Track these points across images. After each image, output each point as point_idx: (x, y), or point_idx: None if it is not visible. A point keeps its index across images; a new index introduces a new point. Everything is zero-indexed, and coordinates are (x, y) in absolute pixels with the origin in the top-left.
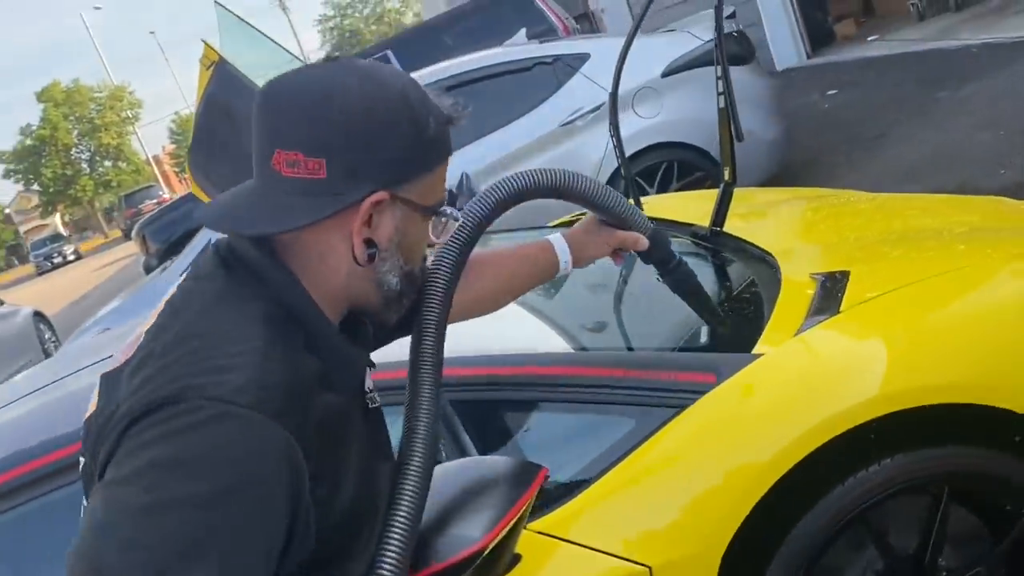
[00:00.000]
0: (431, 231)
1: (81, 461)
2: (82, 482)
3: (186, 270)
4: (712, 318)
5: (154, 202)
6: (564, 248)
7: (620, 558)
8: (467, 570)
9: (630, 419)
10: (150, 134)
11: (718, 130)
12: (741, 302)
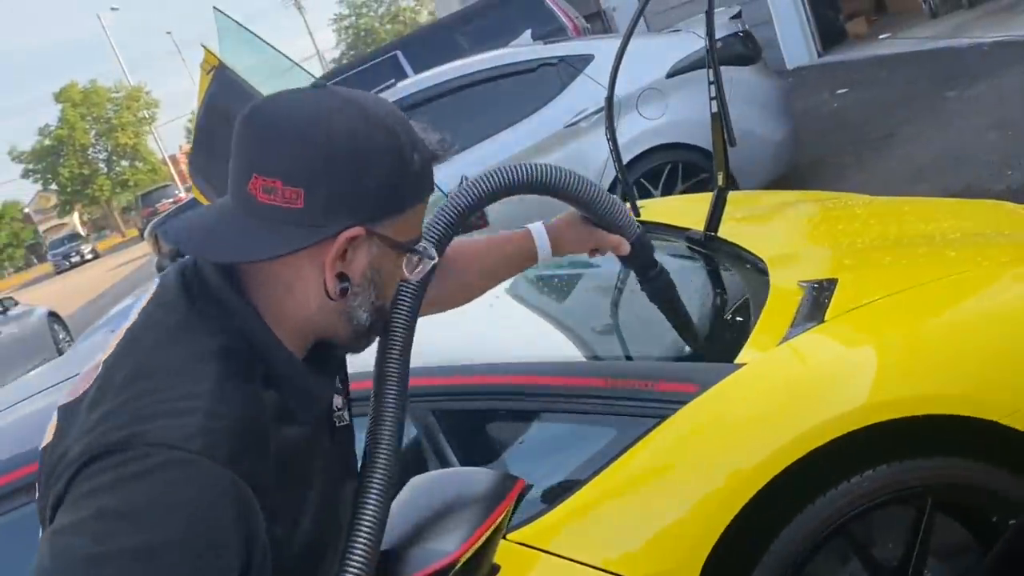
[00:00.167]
0: (404, 267)
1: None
2: (38, 510)
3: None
4: (686, 331)
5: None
6: (543, 237)
7: (600, 569)
8: None
9: (611, 429)
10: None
11: (711, 135)
12: (728, 309)
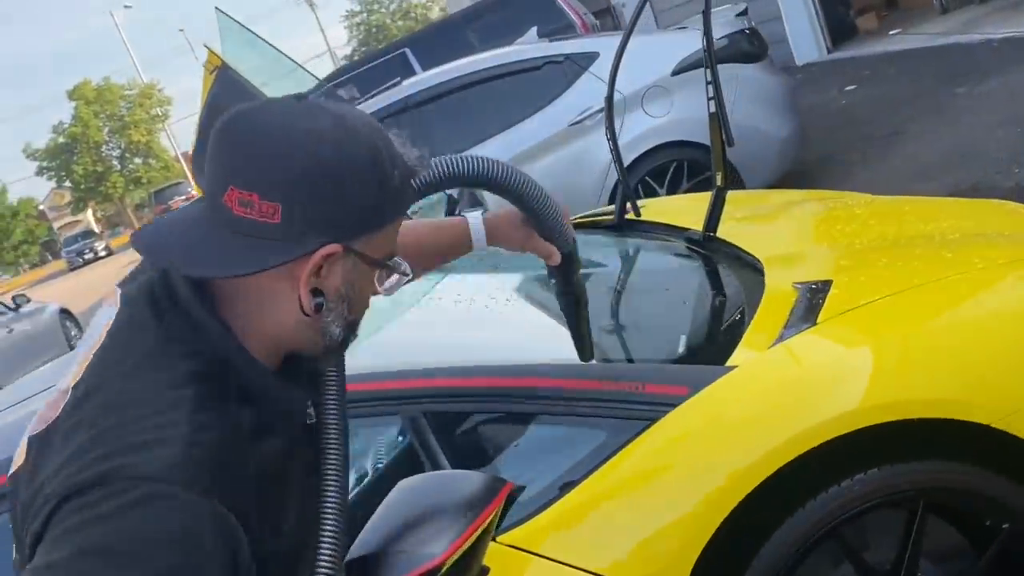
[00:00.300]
0: (377, 281)
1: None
2: (13, 536)
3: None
4: (582, 345)
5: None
6: (480, 228)
7: (589, 572)
8: None
9: (601, 431)
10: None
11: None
12: (723, 311)
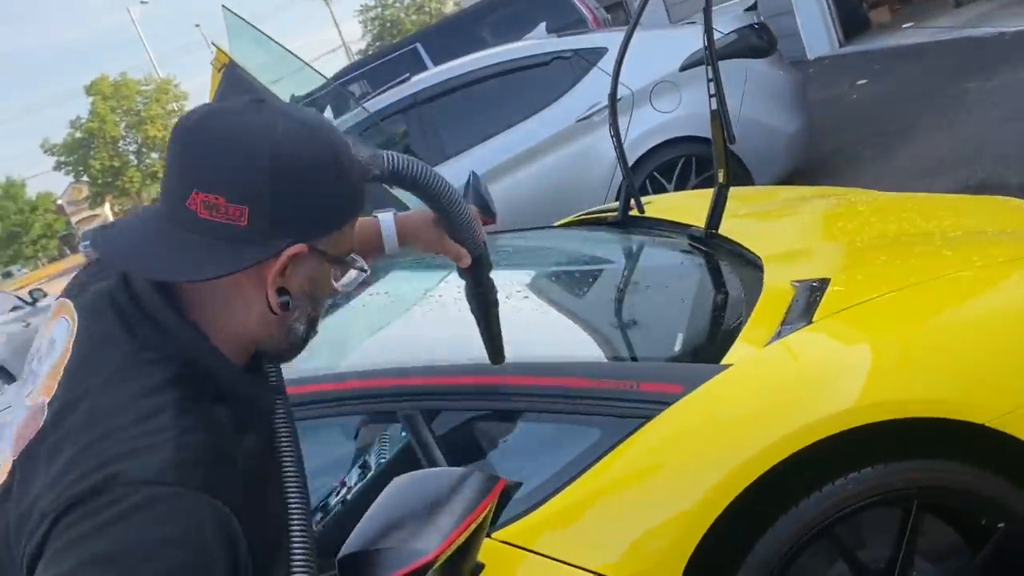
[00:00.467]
0: (334, 278)
1: None
2: None
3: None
4: (493, 346)
5: None
6: (391, 229)
7: (583, 569)
8: None
9: (596, 429)
10: None
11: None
12: (721, 309)
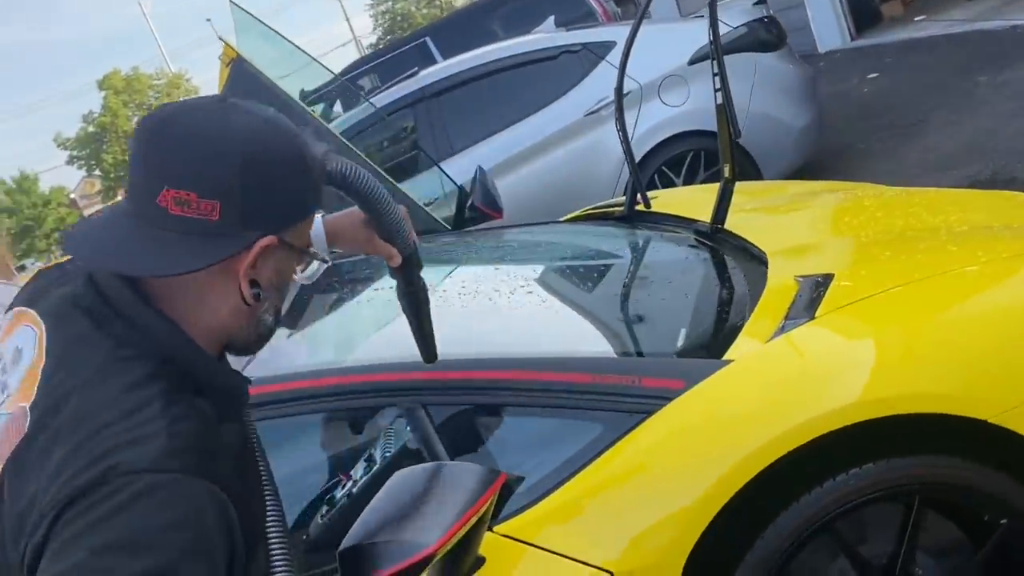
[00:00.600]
0: (299, 269)
1: None
2: None
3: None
4: (425, 344)
5: None
6: (319, 230)
7: (584, 563)
8: (418, 575)
9: (598, 424)
10: None
11: (717, 127)
12: (724, 304)
